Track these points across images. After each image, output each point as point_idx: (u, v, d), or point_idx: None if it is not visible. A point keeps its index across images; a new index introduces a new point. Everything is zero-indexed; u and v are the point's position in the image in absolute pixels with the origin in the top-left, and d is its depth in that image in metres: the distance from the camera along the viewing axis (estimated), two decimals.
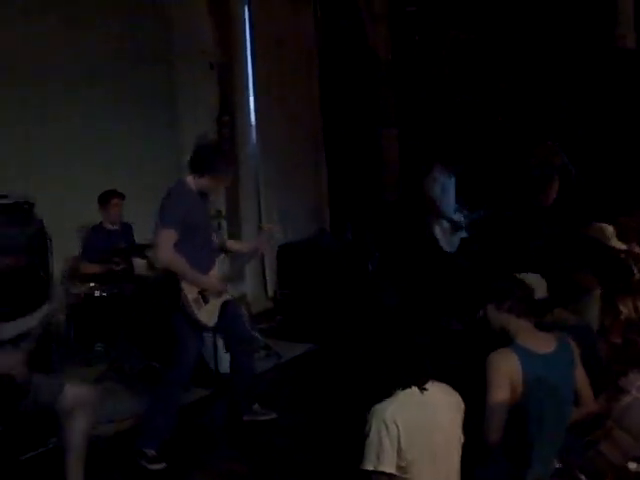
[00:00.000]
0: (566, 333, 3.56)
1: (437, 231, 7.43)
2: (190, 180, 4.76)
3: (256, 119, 8.38)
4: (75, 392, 3.84)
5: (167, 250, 4.57)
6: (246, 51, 8.27)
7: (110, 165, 6.71)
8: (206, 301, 4.78)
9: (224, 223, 7.44)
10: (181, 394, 4.99)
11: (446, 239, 7.48)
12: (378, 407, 2.97)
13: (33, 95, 6.19)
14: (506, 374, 3.33)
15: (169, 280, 4.70)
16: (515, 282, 3.61)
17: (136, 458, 4.64)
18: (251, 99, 8.33)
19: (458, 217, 7.50)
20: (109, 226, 6.46)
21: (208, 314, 4.80)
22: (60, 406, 3.80)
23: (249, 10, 8.21)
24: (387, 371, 3.05)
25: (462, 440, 3.09)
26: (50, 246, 5.67)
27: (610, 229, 5.69)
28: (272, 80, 8.46)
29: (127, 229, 6.57)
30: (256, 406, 5.31)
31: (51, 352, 4.84)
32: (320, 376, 6.20)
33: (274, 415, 5.30)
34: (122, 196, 6.44)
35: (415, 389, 3.00)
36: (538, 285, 3.96)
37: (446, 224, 7.41)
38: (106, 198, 6.40)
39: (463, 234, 7.56)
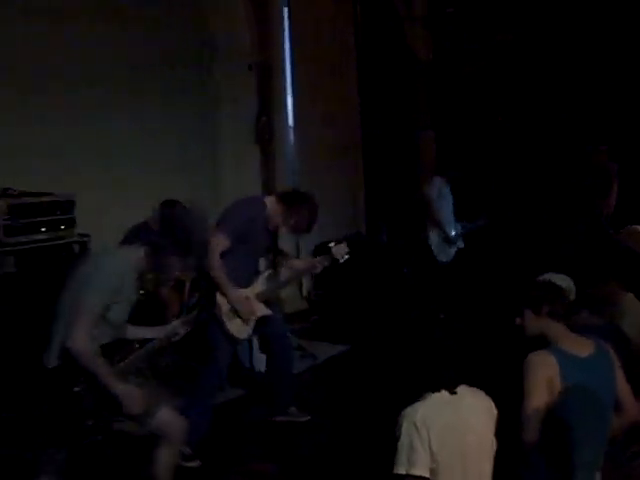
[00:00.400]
0: (595, 335, 3.52)
1: (432, 238, 7.40)
2: (271, 201, 4.79)
3: (294, 120, 8.40)
4: (166, 419, 3.70)
5: (215, 256, 4.60)
6: (285, 52, 8.29)
7: (148, 164, 6.76)
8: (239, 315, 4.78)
9: None
10: (216, 396, 5.02)
11: (441, 248, 7.43)
12: (408, 409, 2.95)
13: (81, 96, 6.29)
14: (544, 376, 3.29)
15: (207, 287, 4.73)
16: (549, 286, 3.56)
17: None
18: (289, 100, 8.35)
19: (455, 228, 7.44)
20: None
21: (240, 327, 4.79)
22: (148, 427, 3.70)
23: (289, 10, 8.22)
24: (417, 374, 3.04)
25: (495, 446, 3.07)
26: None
27: None
28: (310, 81, 8.47)
29: None
30: (291, 408, 5.31)
31: None
32: (355, 378, 6.20)
33: (308, 417, 5.31)
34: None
35: (445, 392, 2.98)
36: (567, 287, 3.92)
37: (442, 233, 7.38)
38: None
39: (460, 244, 7.52)
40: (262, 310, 4.91)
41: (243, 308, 4.75)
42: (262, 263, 5.08)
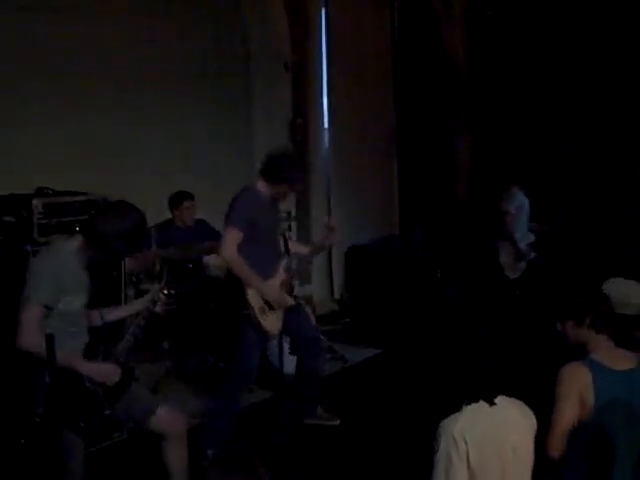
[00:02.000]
0: None
1: (503, 257, 7.22)
2: (261, 185, 4.80)
3: (329, 122, 8.36)
4: (167, 416, 3.74)
5: (231, 249, 4.61)
6: (321, 53, 8.24)
7: (183, 165, 6.77)
8: (271, 307, 4.76)
9: (294, 225, 7.44)
10: (242, 397, 5.00)
11: (510, 264, 7.26)
12: (446, 422, 2.89)
13: (117, 98, 6.32)
14: (576, 388, 3.22)
15: (235, 287, 4.70)
16: (596, 296, 3.46)
17: (198, 458, 4.66)
18: (325, 102, 8.31)
19: (528, 238, 7.28)
20: (180, 224, 6.42)
21: (273, 322, 4.79)
22: (150, 427, 3.74)
23: (326, 11, 8.18)
24: (454, 385, 2.99)
25: (532, 460, 3.00)
26: None
27: None
28: (346, 83, 8.43)
29: (201, 225, 6.47)
30: (320, 410, 5.28)
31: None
32: (385, 382, 6.15)
33: (338, 421, 5.28)
34: (192, 197, 6.36)
35: (483, 403, 2.92)
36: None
37: (513, 249, 7.18)
38: (178, 200, 6.30)
39: (531, 255, 7.33)
40: (288, 299, 4.92)
41: (275, 297, 4.74)
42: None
